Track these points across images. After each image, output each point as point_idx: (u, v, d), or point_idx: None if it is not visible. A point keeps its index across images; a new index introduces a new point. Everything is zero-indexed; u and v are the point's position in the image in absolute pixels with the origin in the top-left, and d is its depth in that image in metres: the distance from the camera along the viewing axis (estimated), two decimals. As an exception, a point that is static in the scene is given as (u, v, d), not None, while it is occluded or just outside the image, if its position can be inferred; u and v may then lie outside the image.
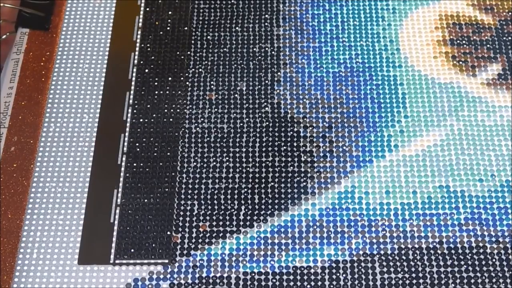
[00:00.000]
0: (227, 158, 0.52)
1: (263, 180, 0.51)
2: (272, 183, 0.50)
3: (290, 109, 0.54)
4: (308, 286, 0.47)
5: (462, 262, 0.47)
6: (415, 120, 0.53)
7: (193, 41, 0.58)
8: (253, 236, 0.49)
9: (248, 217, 0.49)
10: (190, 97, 0.55)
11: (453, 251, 0.48)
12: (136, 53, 0.57)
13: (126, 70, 0.56)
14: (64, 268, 0.47)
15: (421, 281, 0.47)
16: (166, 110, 0.54)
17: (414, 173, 0.51)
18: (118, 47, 0.57)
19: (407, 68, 0.56)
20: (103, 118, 0.54)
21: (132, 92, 0.55)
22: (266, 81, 0.55)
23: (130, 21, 0.58)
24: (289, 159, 0.51)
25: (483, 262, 0.47)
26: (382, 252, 0.48)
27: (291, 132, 0.53)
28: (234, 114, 0.54)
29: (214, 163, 0.52)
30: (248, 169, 0.51)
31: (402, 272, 0.47)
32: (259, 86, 0.55)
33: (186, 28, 0.58)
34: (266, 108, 0.54)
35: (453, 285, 0.47)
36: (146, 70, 0.56)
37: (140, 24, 0.58)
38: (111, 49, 0.57)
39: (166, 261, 0.48)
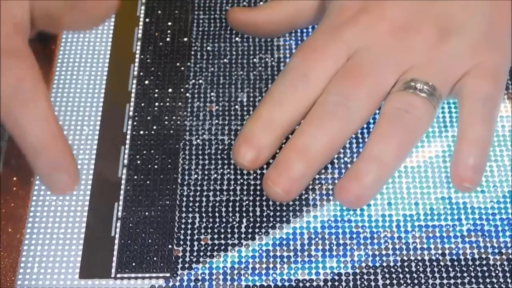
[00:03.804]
0: (228, 170, 0.52)
1: (264, 192, 0.50)
2: (274, 195, 0.50)
3: (291, 120, 0.53)
4: (311, 299, 0.47)
5: (465, 274, 0.47)
6: (416, 130, 0.53)
7: (193, 52, 0.57)
8: (255, 249, 0.48)
9: (250, 230, 0.49)
10: (190, 109, 0.54)
11: (456, 263, 0.47)
12: (136, 64, 0.56)
13: (126, 82, 0.56)
14: (66, 283, 0.47)
15: (424, 293, 0.47)
16: (166, 122, 0.54)
17: (416, 184, 0.51)
18: (117, 59, 0.57)
19: (407, 78, 0.55)
20: (103, 130, 0.53)
21: (132, 104, 0.55)
22: (267, 92, 0.55)
23: (129, 33, 0.58)
24: (290, 170, 0.51)
25: (486, 274, 0.47)
26: (384, 264, 0.48)
27: (292, 144, 0.52)
28: (235, 126, 0.54)
29: (215, 175, 0.51)
30: (249, 181, 0.51)
31: (405, 285, 0.47)
32: (260, 98, 0.55)
33: (186, 39, 0.58)
34: (267, 120, 0.53)
35: (456, 297, 0.47)
36: (146, 82, 0.56)
37: (140, 36, 0.58)
38: (110, 60, 0.57)
39: (168, 274, 0.47)
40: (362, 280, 0.47)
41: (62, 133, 0.46)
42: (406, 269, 0.47)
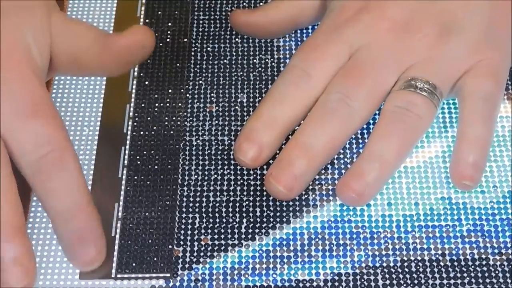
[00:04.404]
0: (228, 171, 0.52)
1: (265, 193, 0.50)
2: (274, 196, 0.50)
3: (291, 121, 0.53)
4: (311, 299, 0.47)
5: (465, 274, 0.47)
6: (416, 131, 0.53)
7: (193, 53, 0.57)
8: (255, 249, 0.48)
9: (250, 230, 0.49)
10: (190, 110, 0.54)
11: (456, 263, 0.47)
12: (136, 65, 0.56)
13: (126, 83, 0.56)
14: (66, 283, 0.47)
15: (424, 293, 0.47)
16: (166, 123, 0.54)
17: (416, 184, 0.51)
18: (118, 59, 0.57)
19: (407, 78, 0.55)
20: (103, 130, 0.53)
21: (132, 104, 0.55)
22: (267, 93, 0.55)
23: (129, 33, 0.58)
24: (291, 171, 0.51)
25: (486, 274, 0.47)
26: (384, 264, 0.48)
27: (292, 144, 0.52)
28: (235, 126, 0.54)
29: (215, 175, 0.51)
30: (249, 181, 0.51)
31: (405, 285, 0.47)
32: (260, 98, 0.55)
33: (186, 40, 0.58)
34: (267, 120, 0.53)
35: (456, 297, 0.47)
36: (146, 83, 0.56)
37: (140, 36, 0.58)
38: (111, 61, 0.57)
39: (168, 275, 0.47)
40: (362, 280, 0.47)
41: (91, 202, 0.45)
42: (406, 269, 0.47)
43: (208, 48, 0.58)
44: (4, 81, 0.44)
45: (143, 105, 0.54)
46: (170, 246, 0.48)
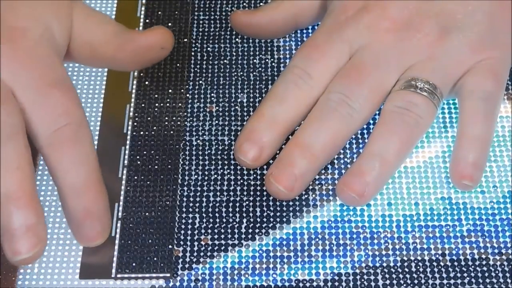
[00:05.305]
0: (228, 171, 0.52)
1: (265, 193, 0.50)
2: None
3: (291, 121, 0.53)
4: (311, 299, 0.47)
5: (465, 274, 0.47)
6: (416, 131, 0.53)
7: (193, 53, 0.57)
8: (255, 249, 0.48)
9: (250, 230, 0.49)
10: (190, 110, 0.55)
11: (456, 263, 0.47)
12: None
13: (126, 83, 0.56)
14: (66, 283, 0.47)
15: (424, 293, 0.47)
16: (166, 123, 0.54)
17: (416, 184, 0.51)
18: (118, 59, 0.57)
19: (407, 78, 0.55)
20: (103, 131, 0.53)
21: (132, 104, 0.55)
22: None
23: (129, 33, 0.58)
24: (291, 171, 0.51)
25: (486, 274, 0.47)
26: (384, 264, 0.48)
27: (292, 144, 0.52)
28: (235, 126, 0.54)
29: (215, 175, 0.51)
30: (249, 181, 0.51)
31: (405, 285, 0.47)
32: (260, 98, 0.55)
33: (186, 40, 0.58)
34: (267, 120, 0.53)
35: (456, 297, 0.47)
36: (146, 82, 0.56)
37: (140, 36, 0.58)
38: (111, 61, 0.57)
39: (168, 275, 0.47)
40: (362, 280, 0.47)
41: (101, 179, 0.45)
42: (406, 269, 0.47)
43: (208, 48, 0.58)
44: (27, 52, 0.44)
45: (143, 105, 0.55)
46: (170, 246, 0.48)
